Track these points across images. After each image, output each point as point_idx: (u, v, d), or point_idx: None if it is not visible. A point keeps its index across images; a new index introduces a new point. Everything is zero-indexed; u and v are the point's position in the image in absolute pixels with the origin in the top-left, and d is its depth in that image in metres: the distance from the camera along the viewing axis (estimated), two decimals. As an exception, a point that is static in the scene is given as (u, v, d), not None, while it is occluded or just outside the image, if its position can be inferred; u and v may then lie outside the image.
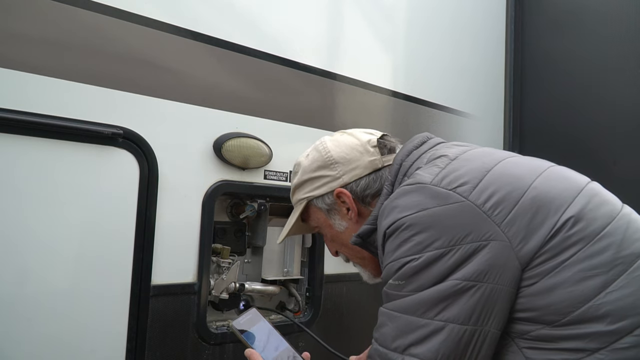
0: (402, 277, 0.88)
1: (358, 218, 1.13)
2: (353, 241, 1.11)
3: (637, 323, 0.80)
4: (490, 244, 0.84)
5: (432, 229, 0.86)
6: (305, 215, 1.22)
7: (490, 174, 0.90)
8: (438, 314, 0.84)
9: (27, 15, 1.21)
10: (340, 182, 1.12)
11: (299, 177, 1.19)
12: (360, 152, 1.12)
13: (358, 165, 1.12)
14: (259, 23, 1.65)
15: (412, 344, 0.85)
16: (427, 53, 2.23)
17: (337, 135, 1.20)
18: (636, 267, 0.83)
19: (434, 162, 0.99)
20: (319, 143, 1.18)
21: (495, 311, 0.84)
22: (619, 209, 0.91)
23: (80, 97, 1.27)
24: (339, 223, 1.16)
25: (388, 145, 1.15)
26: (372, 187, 1.11)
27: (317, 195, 1.15)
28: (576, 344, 0.81)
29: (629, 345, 0.80)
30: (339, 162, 1.12)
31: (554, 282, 0.83)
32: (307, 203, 1.18)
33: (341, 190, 1.12)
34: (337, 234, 1.18)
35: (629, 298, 0.81)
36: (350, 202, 1.12)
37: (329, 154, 1.14)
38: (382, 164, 1.12)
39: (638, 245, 0.86)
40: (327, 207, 1.15)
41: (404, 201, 0.91)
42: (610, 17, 2.34)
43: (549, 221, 0.85)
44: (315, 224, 1.22)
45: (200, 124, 1.49)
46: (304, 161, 1.18)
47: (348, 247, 1.18)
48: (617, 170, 2.20)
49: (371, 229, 1.07)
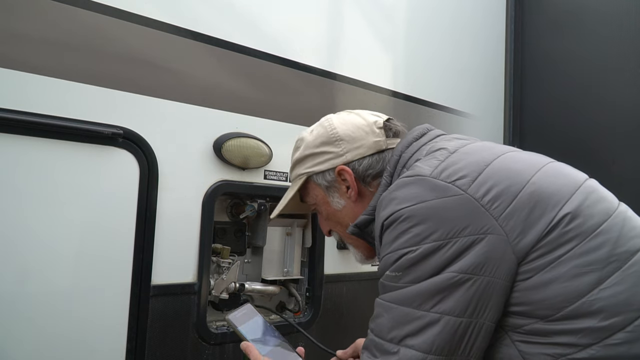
0: (399, 269, 0.89)
1: (357, 197, 1.13)
2: (350, 231, 1.11)
3: (629, 319, 0.81)
4: (487, 237, 0.85)
5: (430, 221, 0.87)
6: (303, 192, 1.21)
7: (489, 168, 0.91)
8: (434, 306, 0.85)
9: (28, 15, 1.21)
10: (343, 159, 1.12)
11: (301, 152, 1.18)
12: (365, 132, 1.13)
13: (362, 144, 1.12)
14: (259, 23, 1.65)
15: (408, 335, 0.86)
16: (427, 53, 2.23)
17: (343, 113, 1.19)
18: (630, 265, 0.84)
19: (433, 154, 0.99)
20: (325, 120, 1.18)
21: (490, 304, 0.85)
22: (615, 207, 0.92)
23: (81, 97, 1.28)
24: (337, 201, 1.16)
25: (394, 128, 1.16)
26: (374, 168, 1.11)
27: (318, 171, 1.15)
28: (569, 338, 0.82)
29: (620, 341, 0.81)
30: (344, 139, 1.12)
31: (549, 277, 0.84)
32: (307, 179, 1.18)
33: (343, 167, 1.12)
34: (334, 212, 1.18)
35: (622, 295, 0.82)
36: (351, 181, 1.12)
37: (334, 130, 1.14)
38: (386, 146, 1.12)
39: (633, 243, 0.87)
40: (326, 184, 1.15)
41: (402, 193, 0.91)
42: (610, 17, 2.34)
43: (546, 216, 0.86)
44: (312, 201, 1.21)
45: (200, 124, 1.49)
46: (308, 136, 1.18)
47: (343, 226, 1.18)
48: (616, 170, 2.21)
49: (369, 219, 1.07)
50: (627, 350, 0.80)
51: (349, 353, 1.27)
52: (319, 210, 1.23)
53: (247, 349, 1.08)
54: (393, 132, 1.15)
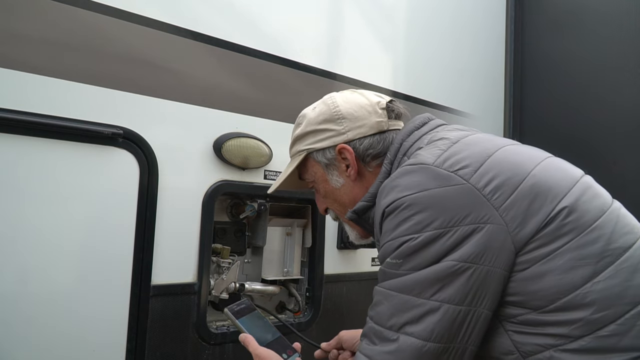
0: (399, 256, 0.89)
1: (357, 176, 1.13)
2: (348, 216, 1.11)
3: (620, 312, 0.83)
4: (488, 226, 0.85)
5: (432, 209, 0.87)
6: (302, 169, 1.21)
7: (491, 159, 0.92)
8: (434, 294, 0.86)
9: (28, 15, 1.21)
10: (344, 137, 1.12)
11: (302, 128, 1.18)
12: (368, 112, 1.12)
13: (365, 124, 1.12)
14: (259, 23, 1.65)
15: (408, 322, 0.87)
16: (427, 53, 2.23)
17: (346, 92, 1.19)
18: (623, 260, 0.86)
19: (435, 143, 0.99)
20: (328, 97, 1.17)
21: (489, 293, 0.86)
22: (609, 203, 0.94)
23: (80, 97, 1.28)
24: (336, 179, 1.15)
25: (396, 110, 1.16)
26: (374, 148, 1.11)
27: (318, 148, 1.15)
28: (561, 330, 0.84)
29: (611, 333, 0.83)
30: (346, 118, 1.12)
31: (545, 269, 0.85)
32: (307, 155, 1.17)
33: (344, 146, 1.11)
34: (332, 190, 1.18)
35: (614, 288, 0.84)
36: (351, 159, 1.11)
37: (337, 108, 1.13)
38: (387, 127, 1.13)
39: (626, 239, 0.89)
40: (326, 162, 1.15)
41: (405, 181, 0.92)
42: (610, 17, 2.34)
43: (545, 209, 0.87)
44: (310, 179, 1.21)
45: (200, 124, 1.49)
46: (310, 113, 1.18)
47: (340, 204, 1.18)
48: (616, 170, 2.21)
49: (367, 206, 1.07)
50: (617, 342, 0.82)
51: (333, 345, 1.29)
52: (316, 188, 1.22)
53: (246, 341, 1.09)
54: (395, 114, 1.15)
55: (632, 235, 0.90)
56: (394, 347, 0.87)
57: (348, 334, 1.30)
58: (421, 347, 0.85)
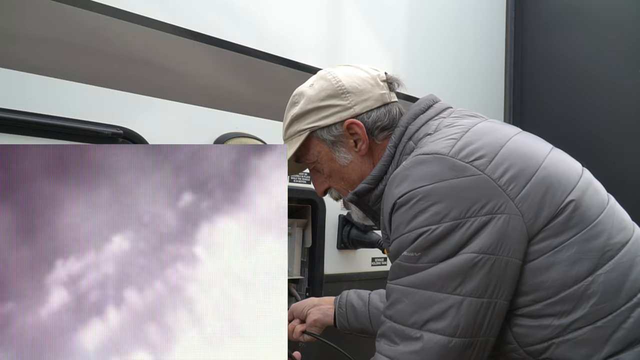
0: (417, 249, 0.87)
1: (367, 151, 1.10)
2: (349, 198, 1.09)
3: (617, 305, 0.86)
4: (505, 216, 0.86)
5: (449, 200, 0.86)
6: (301, 151, 1.13)
7: (504, 149, 0.92)
8: (456, 288, 0.85)
9: (28, 15, 1.21)
10: (352, 112, 1.07)
11: (301, 107, 1.11)
12: (371, 85, 1.10)
13: (370, 97, 1.09)
14: (259, 23, 1.65)
15: (431, 319, 0.85)
16: (427, 53, 2.23)
17: (343, 67, 1.14)
18: (622, 255, 0.89)
19: (444, 130, 0.98)
20: (327, 73, 1.12)
21: (507, 283, 0.86)
22: (607, 199, 0.96)
23: (80, 97, 1.27)
24: (344, 156, 1.10)
25: (394, 82, 1.14)
26: (382, 120, 1.08)
27: (323, 125, 1.09)
28: (561, 321, 0.86)
29: (607, 324, 0.85)
30: (351, 92, 1.08)
31: (552, 260, 0.86)
32: (309, 135, 1.11)
33: (354, 121, 1.07)
34: (339, 168, 1.12)
35: (614, 282, 0.86)
36: (362, 134, 1.07)
37: (340, 83, 1.08)
38: (390, 99, 1.11)
39: (623, 235, 0.91)
40: (332, 139, 1.09)
41: (419, 171, 0.90)
42: (610, 17, 2.34)
43: (555, 201, 0.88)
44: (312, 159, 1.14)
45: (200, 124, 1.49)
46: (308, 90, 1.11)
47: (347, 182, 1.13)
48: (616, 170, 2.21)
49: (368, 188, 1.05)
50: (611, 333, 0.85)
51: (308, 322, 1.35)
52: (318, 169, 1.15)
53: None
54: (394, 86, 1.14)
55: (628, 231, 0.92)
56: (419, 346, 0.85)
57: (296, 305, 1.37)
58: (447, 343, 0.84)
